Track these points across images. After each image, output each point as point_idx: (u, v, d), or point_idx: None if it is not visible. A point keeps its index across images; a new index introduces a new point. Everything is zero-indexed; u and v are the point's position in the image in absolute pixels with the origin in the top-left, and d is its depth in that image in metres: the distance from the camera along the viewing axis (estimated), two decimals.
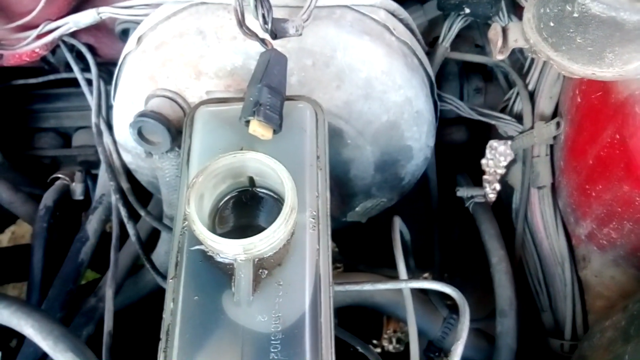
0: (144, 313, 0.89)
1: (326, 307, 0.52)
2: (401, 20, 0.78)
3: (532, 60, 0.85)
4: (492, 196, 0.95)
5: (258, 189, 0.58)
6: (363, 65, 0.72)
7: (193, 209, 0.51)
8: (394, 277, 0.70)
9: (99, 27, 0.92)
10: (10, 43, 0.87)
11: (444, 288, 0.60)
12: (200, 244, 0.53)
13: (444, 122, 0.98)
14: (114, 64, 1.05)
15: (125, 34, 0.91)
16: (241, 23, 0.63)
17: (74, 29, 0.86)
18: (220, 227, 0.57)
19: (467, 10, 0.82)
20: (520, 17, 0.86)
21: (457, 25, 0.85)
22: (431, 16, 0.90)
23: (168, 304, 0.53)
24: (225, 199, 0.58)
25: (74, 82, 1.08)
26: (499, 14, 0.84)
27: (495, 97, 0.99)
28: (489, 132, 1.02)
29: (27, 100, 1.14)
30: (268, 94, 0.57)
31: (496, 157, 0.93)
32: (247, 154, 0.54)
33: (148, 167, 0.82)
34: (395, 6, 0.75)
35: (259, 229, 0.52)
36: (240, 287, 0.50)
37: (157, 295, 0.86)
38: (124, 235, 0.81)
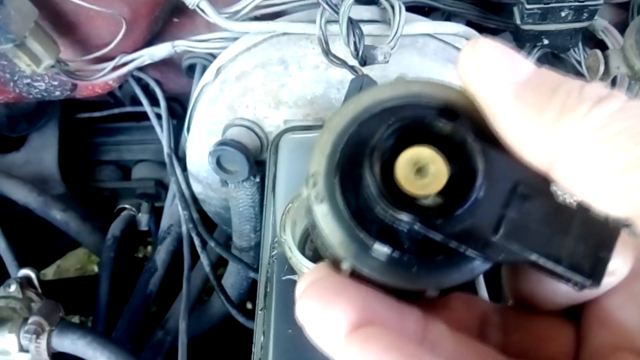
0: (210, 344, 0.86)
1: None
2: None
3: (613, 85, 0.81)
4: None
5: None
6: None
7: (289, 235, 0.49)
8: None
9: (165, 62, 0.94)
10: (85, 74, 0.88)
11: None
12: (291, 273, 0.50)
13: None
14: (175, 99, 1.07)
15: (191, 69, 0.93)
16: (327, 52, 0.63)
17: (149, 61, 0.87)
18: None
19: (546, 42, 0.80)
20: (593, 48, 0.84)
21: (534, 57, 0.83)
22: None
23: (258, 337, 0.50)
24: None
25: (136, 116, 1.10)
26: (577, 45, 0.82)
27: None
28: None
29: (90, 134, 1.16)
30: None
31: None
32: None
33: (217, 197, 0.82)
34: (477, 35, 0.74)
35: None
36: None
37: (222, 327, 0.84)
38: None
